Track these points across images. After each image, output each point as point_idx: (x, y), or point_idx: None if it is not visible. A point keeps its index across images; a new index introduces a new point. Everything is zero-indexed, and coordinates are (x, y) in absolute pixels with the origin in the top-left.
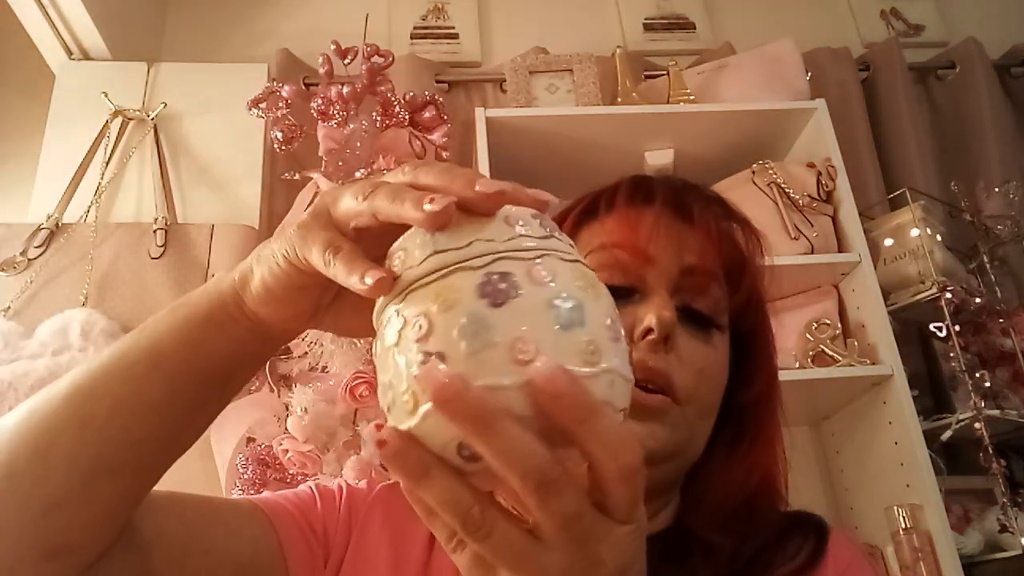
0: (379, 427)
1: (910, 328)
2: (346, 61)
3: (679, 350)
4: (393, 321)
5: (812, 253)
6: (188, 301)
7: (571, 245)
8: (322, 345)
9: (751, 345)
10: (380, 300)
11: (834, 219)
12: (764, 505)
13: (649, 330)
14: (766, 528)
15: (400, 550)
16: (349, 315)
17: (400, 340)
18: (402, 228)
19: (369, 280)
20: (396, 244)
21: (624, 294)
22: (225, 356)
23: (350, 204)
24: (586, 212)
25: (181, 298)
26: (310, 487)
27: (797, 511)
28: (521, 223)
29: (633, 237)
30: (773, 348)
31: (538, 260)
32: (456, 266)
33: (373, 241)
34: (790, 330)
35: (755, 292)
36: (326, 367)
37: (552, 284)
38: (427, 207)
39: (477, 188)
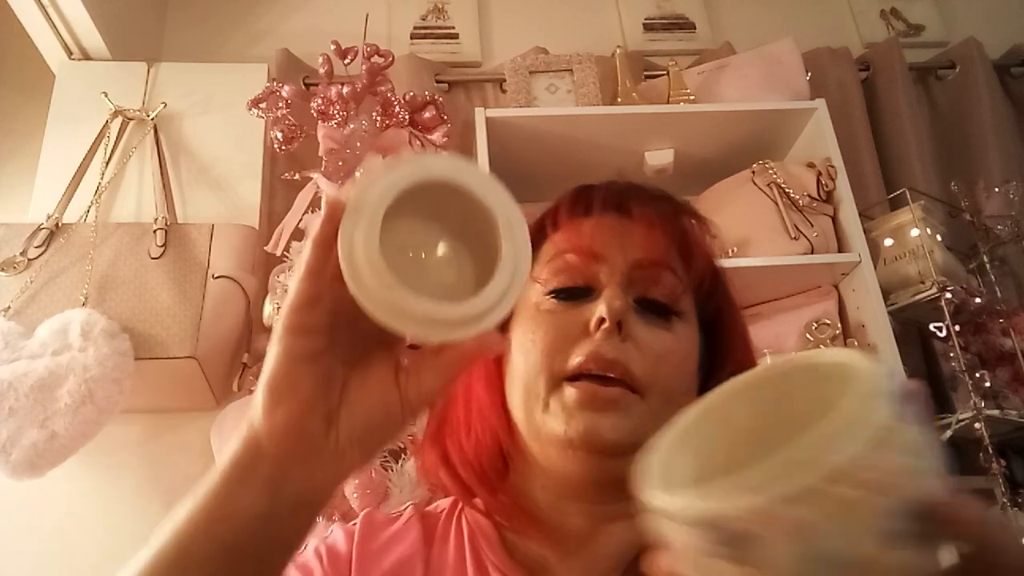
0: None
1: (910, 328)
2: (346, 61)
3: (636, 339)
4: None
5: (812, 253)
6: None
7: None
8: None
9: (719, 328)
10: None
11: (834, 219)
12: None
13: (601, 320)
14: None
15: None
16: (363, 402)
17: None
18: None
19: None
20: None
21: (582, 294)
22: (247, 526)
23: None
24: (536, 233)
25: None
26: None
27: None
28: None
29: (580, 241)
30: (744, 332)
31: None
32: None
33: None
34: (790, 330)
35: (713, 276)
36: None
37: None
38: None
39: None
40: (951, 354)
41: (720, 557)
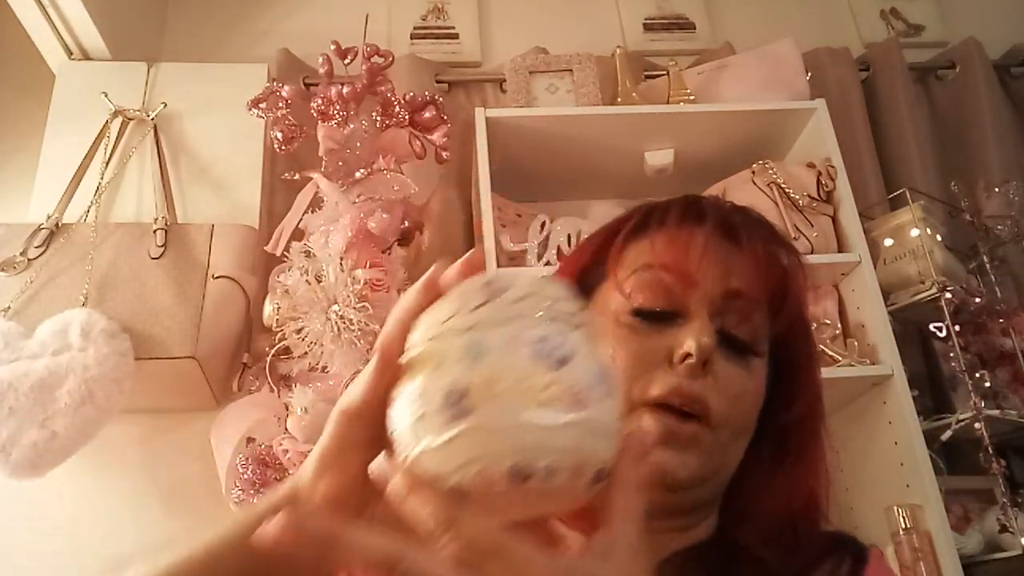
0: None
1: (910, 328)
2: (346, 61)
3: (716, 374)
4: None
5: (812, 253)
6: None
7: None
8: (322, 345)
9: (792, 369)
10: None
11: (834, 219)
12: (807, 523)
13: (688, 355)
14: (808, 546)
15: None
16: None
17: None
18: None
19: None
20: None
21: (667, 317)
22: None
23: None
24: (636, 229)
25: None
26: None
27: (837, 532)
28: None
29: (680, 260)
30: (816, 372)
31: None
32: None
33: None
34: None
35: (798, 319)
36: (326, 367)
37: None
38: None
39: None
40: (951, 354)
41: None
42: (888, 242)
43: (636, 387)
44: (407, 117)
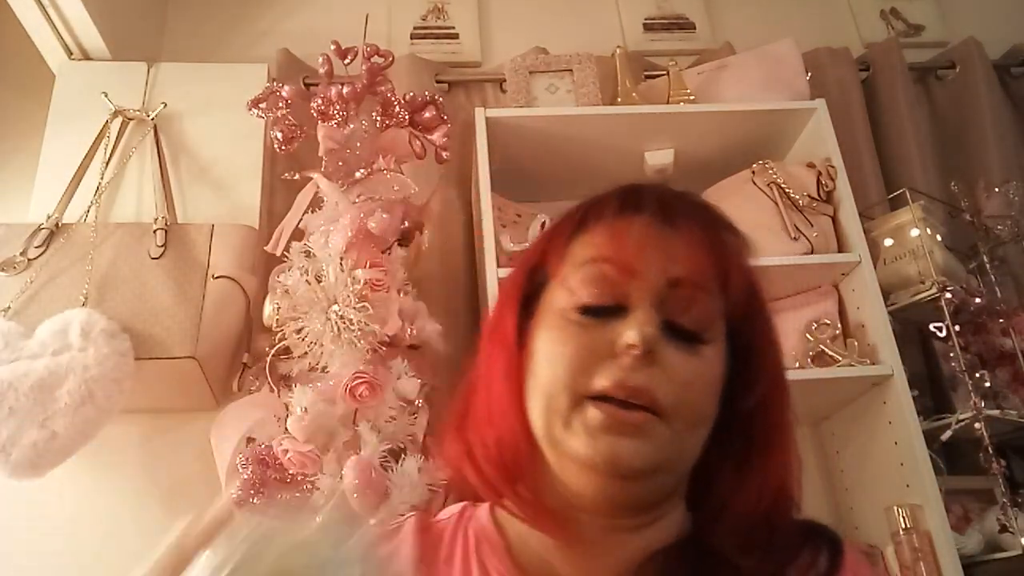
0: None
1: (910, 328)
2: (346, 61)
3: (663, 364)
4: None
5: (812, 253)
6: None
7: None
8: (322, 345)
9: (749, 353)
10: None
11: (834, 219)
12: (781, 516)
13: (631, 346)
14: (782, 542)
15: None
16: None
17: None
18: None
19: None
20: None
21: (612, 311)
22: None
23: None
24: (579, 224)
25: None
26: None
27: (810, 521)
28: None
29: (619, 251)
30: (776, 352)
31: None
32: None
33: None
34: (790, 330)
35: (749, 297)
36: (326, 367)
37: None
38: None
39: None
40: (951, 354)
41: None
42: (888, 242)
43: (580, 380)
44: (407, 117)
